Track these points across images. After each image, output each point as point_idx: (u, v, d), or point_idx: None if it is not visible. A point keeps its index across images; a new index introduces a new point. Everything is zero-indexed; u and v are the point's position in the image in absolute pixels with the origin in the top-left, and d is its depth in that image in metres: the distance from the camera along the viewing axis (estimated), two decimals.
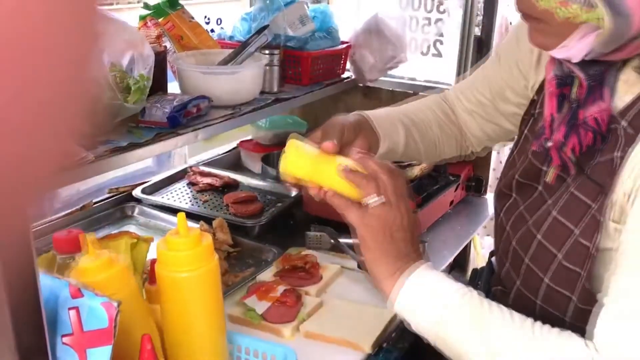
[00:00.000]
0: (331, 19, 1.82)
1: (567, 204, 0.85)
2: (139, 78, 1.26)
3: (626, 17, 0.70)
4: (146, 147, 1.19)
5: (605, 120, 0.80)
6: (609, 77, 0.81)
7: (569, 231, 0.84)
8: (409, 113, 1.16)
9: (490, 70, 1.13)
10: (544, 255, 0.87)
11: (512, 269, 0.96)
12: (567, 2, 0.72)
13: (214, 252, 0.83)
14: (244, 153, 2.08)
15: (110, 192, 1.69)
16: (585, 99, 0.82)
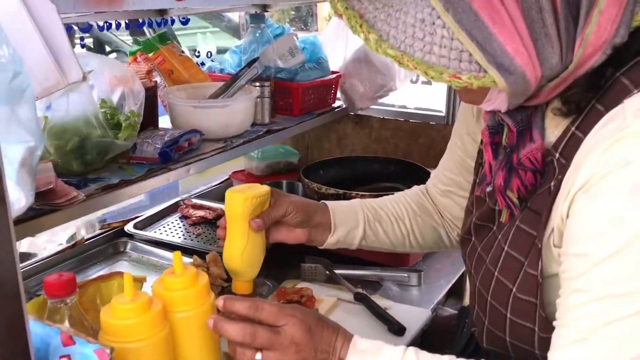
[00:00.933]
0: (321, 49, 1.84)
1: (514, 237, 0.87)
2: (130, 114, 1.26)
3: (520, 74, 0.73)
4: (138, 184, 1.19)
5: (538, 158, 0.83)
6: (536, 119, 0.85)
7: (519, 263, 0.85)
8: (377, 207, 1.23)
9: (451, 148, 1.20)
10: (502, 291, 0.89)
11: (480, 310, 0.97)
12: (457, 75, 0.73)
13: (210, 290, 0.82)
14: (237, 184, 2.07)
15: (102, 227, 1.67)
16: (517, 143, 0.86)
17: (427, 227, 1.24)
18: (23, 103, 0.70)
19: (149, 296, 0.75)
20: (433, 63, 0.73)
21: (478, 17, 0.71)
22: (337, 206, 1.20)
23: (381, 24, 0.76)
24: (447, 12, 0.71)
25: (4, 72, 0.64)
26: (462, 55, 0.73)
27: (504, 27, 0.71)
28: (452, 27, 0.72)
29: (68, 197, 1.02)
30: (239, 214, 1.06)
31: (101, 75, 1.28)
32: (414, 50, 0.74)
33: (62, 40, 0.81)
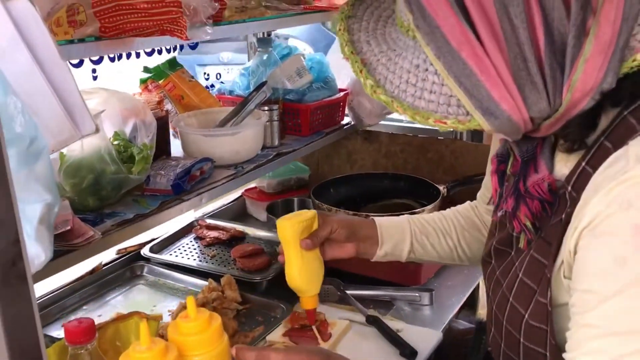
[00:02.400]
0: (328, 68, 1.86)
1: (528, 265, 0.90)
2: (142, 147, 1.30)
3: (505, 118, 0.76)
4: (152, 217, 1.22)
5: (543, 189, 0.86)
6: (543, 150, 0.88)
7: (532, 291, 0.88)
8: (425, 222, 1.29)
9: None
10: (516, 316, 0.92)
11: (496, 332, 1.00)
12: (443, 120, 0.77)
13: (224, 332, 0.84)
14: (249, 202, 2.10)
15: (119, 252, 1.71)
16: (521, 172, 0.89)
17: (474, 241, 1.28)
18: (39, 163, 0.73)
19: (165, 343, 0.78)
20: (422, 108, 0.78)
21: (466, 65, 0.74)
22: (385, 221, 1.27)
23: (381, 68, 0.81)
24: (438, 60, 0.75)
25: (22, 140, 0.67)
26: (450, 100, 0.77)
27: (490, 76, 0.74)
28: (442, 73, 0.76)
29: (85, 236, 1.05)
30: (290, 238, 1.16)
31: (112, 109, 1.32)
32: (405, 95, 0.79)
33: (74, 95, 0.84)
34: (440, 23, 0.75)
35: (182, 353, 0.81)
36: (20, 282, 0.52)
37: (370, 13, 0.89)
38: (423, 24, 0.76)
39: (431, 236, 1.27)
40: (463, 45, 0.74)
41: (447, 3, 0.74)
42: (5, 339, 0.51)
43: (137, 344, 0.77)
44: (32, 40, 0.79)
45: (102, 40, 1.06)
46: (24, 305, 0.53)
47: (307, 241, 1.17)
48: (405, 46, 0.81)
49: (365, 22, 0.87)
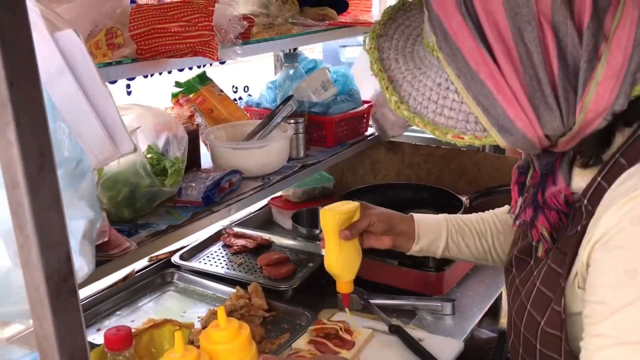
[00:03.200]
0: (352, 81, 1.90)
1: (545, 274, 0.94)
2: (175, 161, 1.35)
3: (520, 135, 0.81)
4: (184, 228, 1.27)
5: (560, 200, 0.90)
6: (562, 164, 0.92)
7: (548, 299, 0.92)
8: (462, 223, 1.33)
9: None
10: (532, 323, 0.96)
11: (515, 338, 1.04)
12: (460, 136, 0.83)
13: (252, 341, 0.89)
14: (275, 210, 2.15)
15: (151, 260, 1.77)
16: (539, 183, 0.93)
17: (509, 244, 1.29)
18: (84, 183, 0.79)
19: (197, 351, 0.83)
20: (442, 124, 0.84)
21: (484, 85, 0.80)
22: (422, 218, 1.33)
23: (406, 85, 0.88)
24: (458, 79, 0.82)
25: (69, 163, 0.73)
26: (469, 117, 0.83)
27: (505, 95, 0.80)
28: (462, 92, 0.82)
29: (121, 247, 1.11)
30: (330, 228, 1.24)
31: (146, 124, 1.38)
32: (427, 111, 0.85)
33: (114, 118, 0.90)
34: (460, 45, 0.80)
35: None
36: (71, 296, 0.58)
37: (401, 32, 0.95)
38: (445, 46, 0.82)
39: (467, 236, 1.32)
40: (481, 67, 0.80)
41: (467, 27, 0.80)
42: (58, 346, 0.57)
43: (171, 352, 0.82)
44: (76, 67, 0.85)
45: (138, 61, 1.13)
46: (73, 317, 0.58)
47: (345, 232, 1.24)
48: (430, 64, 0.87)
49: (396, 40, 0.94)
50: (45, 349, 0.57)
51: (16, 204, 0.53)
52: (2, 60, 0.50)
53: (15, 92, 0.51)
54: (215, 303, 1.61)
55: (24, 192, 0.52)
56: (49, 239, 0.54)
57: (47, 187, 0.54)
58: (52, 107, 0.74)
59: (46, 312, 0.55)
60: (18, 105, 0.51)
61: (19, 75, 0.51)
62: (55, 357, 0.57)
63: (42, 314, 0.56)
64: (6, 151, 0.51)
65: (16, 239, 0.55)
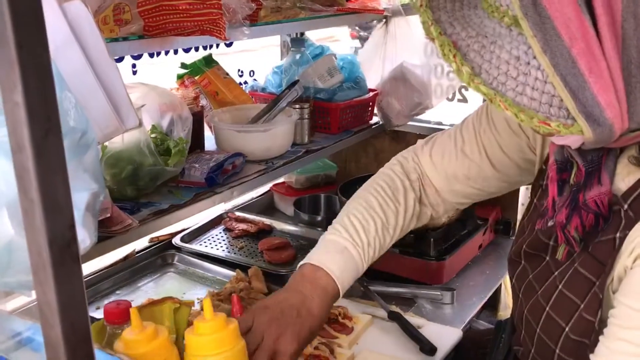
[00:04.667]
0: (358, 68, 1.89)
1: (571, 278, 0.89)
2: (179, 141, 1.35)
3: (608, 127, 0.71)
4: (186, 208, 1.27)
5: (605, 203, 0.82)
6: (607, 162, 0.84)
7: (575, 305, 0.87)
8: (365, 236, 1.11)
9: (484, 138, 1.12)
10: (553, 328, 0.91)
11: (527, 337, 1.00)
12: (547, 122, 0.71)
13: (240, 336, 0.88)
14: (277, 196, 2.15)
15: (152, 240, 1.77)
16: (584, 183, 0.84)
17: (409, 224, 1.18)
18: (88, 154, 0.79)
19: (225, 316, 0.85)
20: (524, 105, 0.71)
21: (575, 63, 0.69)
22: (341, 273, 1.06)
23: (474, 55, 0.74)
24: (544, 54, 0.69)
25: (74, 133, 0.72)
26: (552, 100, 0.71)
27: (600, 78, 0.69)
28: (547, 69, 0.70)
29: (123, 224, 1.11)
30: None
31: (151, 103, 1.38)
32: (506, 89, 0.72)
33: (121, 91, 0.89)
34: (553, 14, 0.68)
35: (197, 353, 0.85)
36: (74, 262, 0.57)
37: None
38: (533, 13, 0.69)
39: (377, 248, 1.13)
40: (576, 42, 0.68)
41: None
42: (59, 312, 0.57)
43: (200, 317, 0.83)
44: (84, 40, 0.85)
45: (145, 38, 1.12)
46: (76, 284, 0.58)
47: None
48: (496, 34, 0.74)
49: (443, 0, 0.79)
50: (47, 315, 0.57)
51: (21, 168, 0.53)
52: (12, 22, 0.49)
53: (24, 54, 0.50)
54: (215, 286, 1.62)
55: (29, 156, 0.52)
56: (54, 203, 0.54)
57: (53, 151, 0.53)
58: (58, 77, 0.74)
59: (49, 278, 0.55)
60: (26, 68, 0.50)
61: (28, 38, 0.51)
62: (57, 323, 0.57)
63: (44, 280, 0.56)
64: (12, 113, 0.51)
65: (20, 203, 0.55)
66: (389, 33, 1.93)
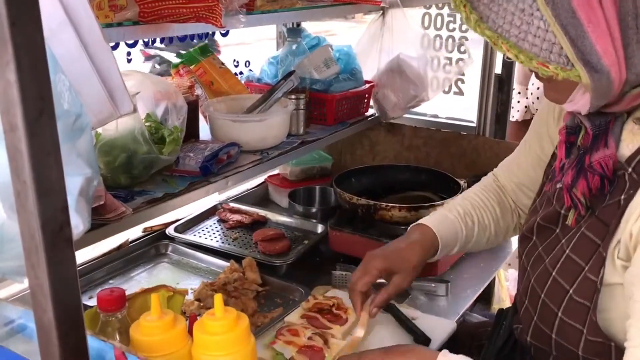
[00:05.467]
0: (355, 60, 1.89)
1: (578, 242, 0.92)
2: (173, 129, 1.34)
3: (605, 73, 0.77)
4: (180, 197, 1.26)
5: (609, 166, 0.87)
6: (614, 127, 0.88)
7: (579, 267, 0.90)
8: (471, 223, 1.26)
9: (528, 144, 1.24)
10: (557, 291, 0.94)
11: (530, 305, 1.03)
12: (545, 64, 0.78)
13: (251, 334, 0.86)
14: (272, 188, 2.14)
15: (145, 230, 1.76)
16: (591, 146, 0.89)
17: (505, 227, 1.30)
18: (82, 139, 0.78)
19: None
20: (525, 49, 0.79)
21: (575, 14, 0.76)
22: (443, 231, 1.22)
23: (483, 8, 0.82)
24: (546, 6, 0.77)
25: (68, 117, 0.71)
26: (553, 47, 0.78)
27: (598, 27, 0.76)
28: (548, 20, 0.77)
29: (117, 212, 1.10)
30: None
31: (146, 91, 1.36)
32: (509, 35, 0.80)
33: (115, 77, 0.88)
34: None
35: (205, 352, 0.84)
36: (66, 246, 0.57)
37: None
38: None
39: (474, 236, 1.27)
40: None
41: None
42: (52, 297, 0.56)
43: (210, 312, 0.82)
44: (79, 24, 0.84)
45: (140, 24, 1.11)
46: (69, 267, 0.58)
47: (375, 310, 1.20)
48: None
49: None
50: (39, 298, 0.56)
51: (14, 149, 0.52)
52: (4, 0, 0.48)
53: (17, 32, 0.49)
54: (209, 276, 1.61)
55: (22, 136, 0.51)
56: (47, 185, 0.53)
57: (46, 132, 0.52)
58: (52, 60, 0.73)
59: (41, 261, 0.55)
60: (19, 46, 0.49)
61: (21, 16, 0.50)
62: (49, 307, 0.56)
63: (36, 263, 0.55)
64: (5, 92, 0.50)
65: (13, 185, 0.54)
66: (386, 25, 1.93)
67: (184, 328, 0.83)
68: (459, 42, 1.91)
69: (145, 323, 0.82)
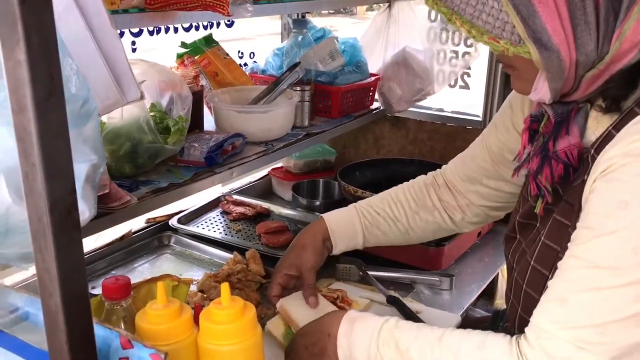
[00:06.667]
0: (360, 52, 1.87)
1: (551, 228, 0.94)
2: (178, 119, 1.33)
3: (555, 52, 0.80)
4: (185, 187, 1.26)
5: (574, 155, 0.89)
6: (577, 116, 0.91)
7: (554, 252, 0.92)
8: (374, 212, 1.32)
9: (487, 138, 1.25)
10: (537, 278, 0.95)
11: (514, 299, 1.04)
12: (496, 39, 0.81)
13: (258, 323, 0.85)
14: (275, 181, 2.13)
15: (148, 221, 1.76)
16: (552, 132, 0.92)
17: (424, 222, 1.32)
18: (89, 125, 0.77)
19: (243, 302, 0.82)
20: (478, 25, 0.82)
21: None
22: (335, 221, 1.31)
23: None
24: None
25: (75, 101, 0.70)
26: (506, 25, 0.81)
27: (547, 7, 0.78)
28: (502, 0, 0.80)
29: (122, 200, 1.09)
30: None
31: (150, 80, 1.35)
32: (464, 13, 0.83)
33: (122, 63, 0.87)
34: None
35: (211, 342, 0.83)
36: (74, 229, 0.56)
37: None
38: None
39: (381, 225, 1.31)
40: None
41: None
42: (59, 282, 0.55)
43: (217, 301, 0.81)
44: (85, 8, 0.83)
45: (146, 12, 1.10)
46: (76, 252, 0.57)
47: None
48: None
49: None
50: (47, 283, 0.55)
51: (22, 129, 0.51)
52: None
53: (27, 9, 0.48)
54: (212, 268, 1.60)
55: (31, 117, 0.50)
56: (55, 167, 0.53)
57: (55, 113, 0.51)
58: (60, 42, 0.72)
59: (49, 245, 0.54)
60: (29, 24, 0.48)
61: None
62: (56, 291, 0.55)
63: (44, 246, 0.54)
64: (14, 72, 0.49)
65: (21, 166, 0.53)
66: (392, 17, 1.91)
67: (190, 317, 0.82)
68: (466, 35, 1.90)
69: (151, 311, 0.81)
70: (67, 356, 0.59)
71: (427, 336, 0.92)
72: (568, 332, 0.79)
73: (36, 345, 0.73)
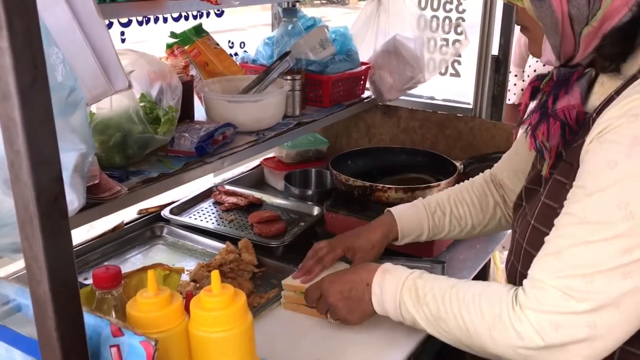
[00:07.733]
0: (351, 41, 1.87)
1: (551, 188, 0.98)
2: (168, 109, 1.33)
3: (547, 3, 0.84)
4: (176, 177, 1.26)
5: (572, 115, 0.92)
6: (580, 79, 0.93)
7: (553, 209, 0.95)
8: (441, 213, 1.37)
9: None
10: (537, 236, 0.98)
11: (515, 259, 1.07)
12: None
13: (248, 311, 0.86)
14: (267, 171, 2.13)
15: (140, 213, 1.75)
16: (553, 90, 0.95)
17: (487, 220, 1.37)
18: (76, 114, 0.77)
19: (234, 290, 0.82)
20: None
21: None
22: (404, 217, 1.37)
23: None
24: None
25: (62, 89, 0.70)
26: None
27: None
28: None
29: (112, 191, 1.09)
30: None
31: (140, 70, 1.35)
32: None
33: (110, 52, 0.87)
34: None
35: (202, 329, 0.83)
36: (61, 217, 0.56)
37: None
38: None
39: (447, 226, 1.37)
40: None
41: None
42: (47, 269, 0.55)
43: (207, 288, 0.82)
44: None
45: (135, 1, 1.09)
46: (64, 239, 0.57)
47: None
48: None
49: None
50: (34, 270, 0.56)
51: (7, 117, 0.51)
52: None
53: None
54: (204, 258, 1.60)
55: (15, 105, 0.50)
56: (41, 155, 0.52)
57: (39, 100, 0.51)
58: (45, 31, 0.71)
59: (36, 232, 0.54)
60: (11, 10, 0.48)
61: None
62: (44, 279, 0.55)
63: (31, 234, 0.54)
64: None
65: (6, 155, 0.53)
66: (382, 5, 1.91)
67: (180, 305, 0.83)
68: (456, 23, 1.90)
69: (141, 300, 0.81)
70: (56, 344, 0.59)
71: (442, 284, 1.03)
72: (558, 281, 0.85)
73: (30, 337, 0.73)
